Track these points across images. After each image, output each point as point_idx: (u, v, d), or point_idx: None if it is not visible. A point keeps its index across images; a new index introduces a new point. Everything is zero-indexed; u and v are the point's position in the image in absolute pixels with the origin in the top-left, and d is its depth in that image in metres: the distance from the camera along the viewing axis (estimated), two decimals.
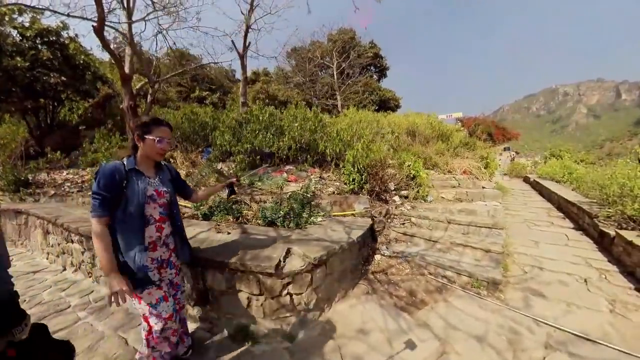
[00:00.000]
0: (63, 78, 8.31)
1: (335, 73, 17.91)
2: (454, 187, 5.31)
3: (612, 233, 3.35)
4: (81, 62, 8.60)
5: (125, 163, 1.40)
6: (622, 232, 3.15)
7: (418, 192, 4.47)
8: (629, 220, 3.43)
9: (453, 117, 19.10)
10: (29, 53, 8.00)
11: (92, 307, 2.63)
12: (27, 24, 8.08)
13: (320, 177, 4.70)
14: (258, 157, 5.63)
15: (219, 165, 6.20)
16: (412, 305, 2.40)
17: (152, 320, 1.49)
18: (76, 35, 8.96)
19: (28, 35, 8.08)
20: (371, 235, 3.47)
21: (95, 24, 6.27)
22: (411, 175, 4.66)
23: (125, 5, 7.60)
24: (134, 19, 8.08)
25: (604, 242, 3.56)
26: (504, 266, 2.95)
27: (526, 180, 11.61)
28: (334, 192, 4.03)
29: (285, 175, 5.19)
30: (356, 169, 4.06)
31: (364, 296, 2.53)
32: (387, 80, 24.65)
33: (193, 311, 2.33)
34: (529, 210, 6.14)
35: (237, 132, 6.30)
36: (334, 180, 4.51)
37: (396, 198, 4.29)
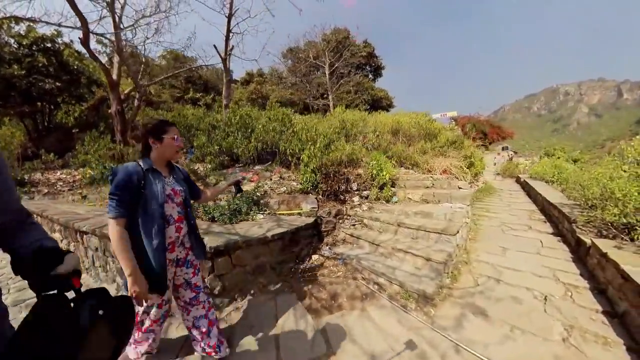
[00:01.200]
0: (58, 83, 8.20)
1: (327, 73, 17.16)
2: (428, 187, 4.76)
3: (589, 241, 2.75)
4: (75, 67, 8.48)
5: (141, 164, 1.31)
6: (598, 242, 2.54)
7: (380, 192, 3.98)
8: (610, 227, 2.82)
9: (447, 116, 18.17)
10: (25, 60, 7.91)
11: None
12: (23, 33, 8.00)
13: (280, 177, 4.30)
14: (227, 157, 5.31)
15: (197, 166, 5.97)
16: (325, 309, 2.12)
17: (139, 317, 1.48)
18: (71, 41, 8.88)
19: (25, 43, 7.99)
20: (316, 234, 3.10)
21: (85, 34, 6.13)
22: (374, 175, 4.18)
23: (112, 15, 7.43)
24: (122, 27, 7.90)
25: (580, 252, 2.94)
26: (452, 276, 2.46)
27: (518, 180, 10.82)
28: (284, 192, 3.61)
29: (250, 175, 4.83)
30: (310, 169, 3.63)
31: (282, 293, 2.36)
32: (383, 80, 23.56)
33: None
34: (510, 212, 5.49)
35: (211, 134, 6.01)
36: (293, 180, 4.09)
37: (355, 198, 3.83)
